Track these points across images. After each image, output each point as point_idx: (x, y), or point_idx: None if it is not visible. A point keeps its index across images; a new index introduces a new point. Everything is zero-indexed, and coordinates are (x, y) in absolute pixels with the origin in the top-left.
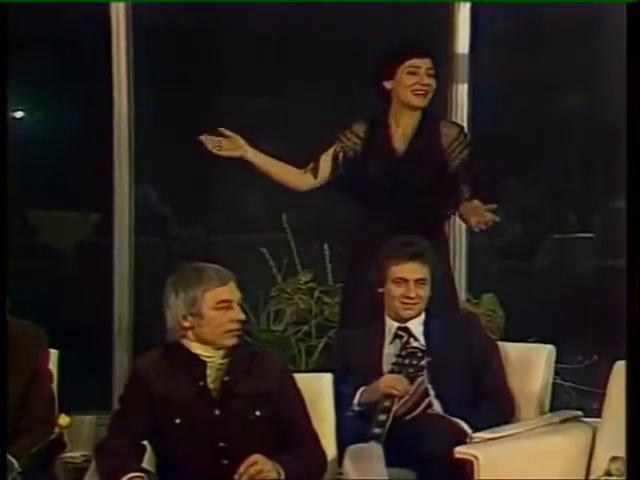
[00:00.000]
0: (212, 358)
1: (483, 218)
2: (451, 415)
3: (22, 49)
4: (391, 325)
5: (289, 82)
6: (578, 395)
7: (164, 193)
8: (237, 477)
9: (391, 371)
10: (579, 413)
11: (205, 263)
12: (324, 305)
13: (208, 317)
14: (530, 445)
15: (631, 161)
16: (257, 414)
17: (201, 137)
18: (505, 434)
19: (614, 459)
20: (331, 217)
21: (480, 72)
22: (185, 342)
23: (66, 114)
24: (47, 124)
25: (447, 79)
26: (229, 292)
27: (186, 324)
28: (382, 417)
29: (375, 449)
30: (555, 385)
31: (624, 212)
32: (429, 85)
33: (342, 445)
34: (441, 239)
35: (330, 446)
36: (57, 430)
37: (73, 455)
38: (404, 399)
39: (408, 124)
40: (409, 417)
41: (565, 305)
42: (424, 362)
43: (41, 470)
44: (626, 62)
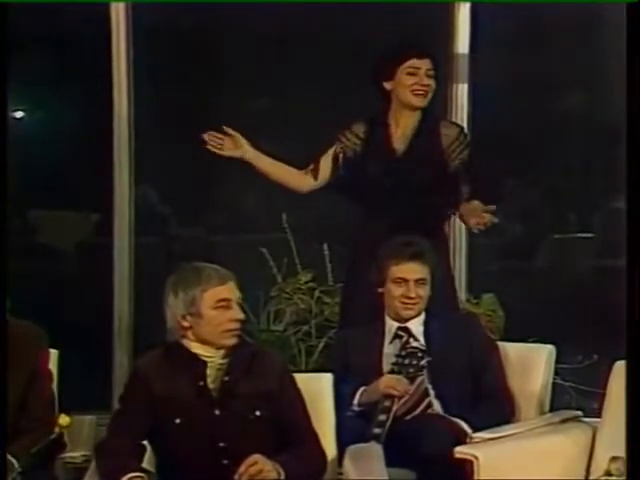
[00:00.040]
0: (212, 358)
1: (482, 219)
2: (451, 415)
3: (22, 49)
4: (391, 325)
5: (289, 82)
6: (578, 395)
7: (164, 193)
8: (237, 477)
9: (391, 371)
10: (579, 413)
11: (205, 263)
12: (324, 305)
13: (207, 316)
14: (530, 445)
15: (631, 161)
16: (257, 414)
17: (204, 135)
18: (505, 434)
19: (614, 459)
20: (331, 217)
21: (480, 72)
22: (185, 342)
23: (66, 114)
24: (47, 124)
25: (447, 79)
26: (228, 291)
27: (185, 324)
28: (382, 417)
29: (375, 449)
30: (555, 385)
31: (624, 212)
32: (429, 86)
33: (342, 445)
34: (441, 239)
35: (330, 446)
36: (57, 430)
37: (73, 455)
38: (404, 399)
39: (408, 124)
40: (409, 417)
41: (565, 305)
42: (424, 362)
43: (41, 470)
44: (626, 62)
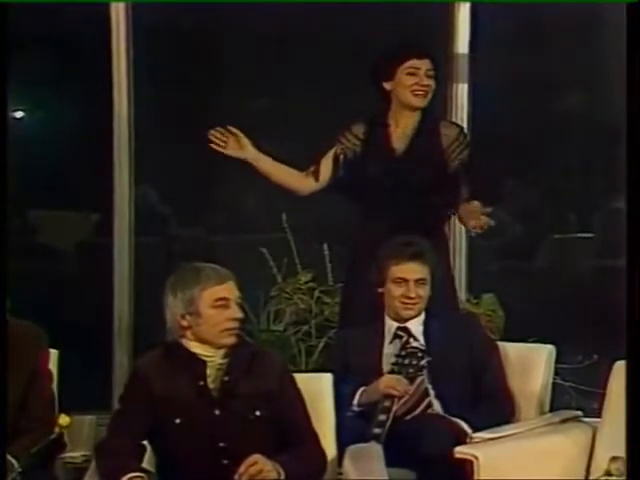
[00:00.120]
0: (212, 358)
1: (479, 222)
2: (451, 415)
3: (22, 49)
4: (391, 325)
5: (289, 82)
6: (578, 395)
7: (164, 193)
8: (237, 477)
9: (391, 371)
10: (579, 413)
11: (204, 263)
12: (324, 305)
13: (206, 316)
14: (530, 445)
15: (631, 161)
16: (257, 414)
17: (209, 132)
18: (505, 434)
19: (614, 459)
20: (331, 217)
21: (480, 72)
22: (184, 342)
23: (66, 114)
24: (47, 124)
25: (447, 79)
26: (227, 291)
27: (184, 323)
28: (382, 417)
29: (375, 449)
30: (555, 385)
31: (624, 212)
32: (429, 86)
33: (342, 445)
34: (441, 239)
35: (330, 446)
36: (57, 430)
37: (73, 455)
38: (404, 399)
39: (408, 124)
40: (409, 417)
41: (565, 305)
42: (424, 362)
43: (41, 470)
44: (626, 62)
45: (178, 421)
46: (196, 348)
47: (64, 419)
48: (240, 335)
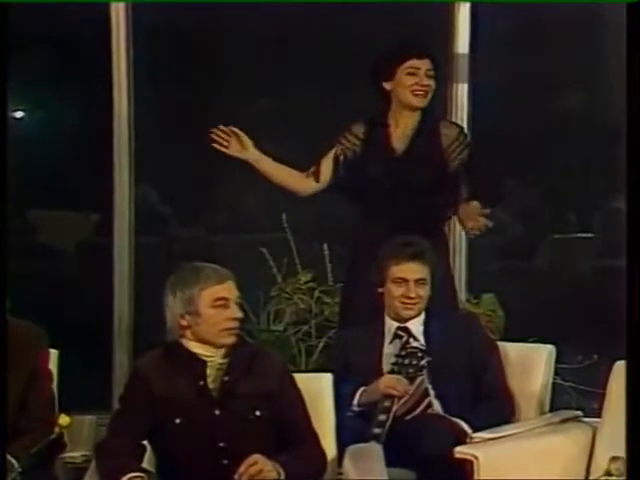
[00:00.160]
0: (212, 357)
1: (477, 224)
2: (451, 415)
3: (22, 49)
4: (391, 325)
5: (289, 82)
6: (578, 395)
7: (164, 193)
8: (237, 477)
9: (391, 371)
10: (579, 413)
11: (204, 263)
12: (324, 305)
13: (205, 315)
14: (530, 445)
15: (631, 161)
16: (257, 414)
17: (213, 131)
18: (505, 434)
19: (614, 459)
20: (331, 217)
21: (480, 72)
22: (184, 341)
23: (66, 114)
24: (47, 124)
25: (447, 79)
26: (226, 290)
27: (184, 323)
28: (382, 417)
29: (375, 449)
30: (555, 385)
31: (624, 212)
32: (429, 86)
33: (342, 445)
34: (441, 239)
35: (330, 446)
36: (57, 430)
37: (73, 455)
38: (404, 399)
39: (408, 124)
40: (409, 417)
41: (565, 305)
42: (424, 362)
43: (41, 470)
44: (626, 62)
45: (178, 421)
46: (196, 348)
47: (64, 419)
48: (240, 335)
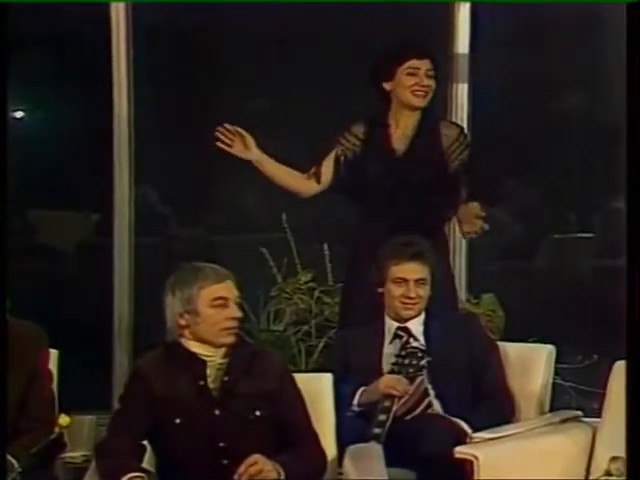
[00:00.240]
0: (212, 357)
1: (473, 227)
2: (451, 415)
3: (22, 49)
4: (391, 325)
5: (289, 82)
6: (578, 395)
7: (164, 193)
8: (237, 477)
9: (391, 371)
10: (579, 413)
11: (204, 263)
12: (324, 305)
13: (204, 315)
14: (530, 445)
15: (631, 161)
16: (257, 414)
17: (217, 130)
18: (505, 434)
19: (614, 459)
20: (331, 217)
21: (480, 72)
22: (184, 341)
23: (66, 114)
24: (47, 124)
25: (447, 79)
26: (225, 290)
27: (183, 322)
28: (382, 417)
29: (375, 449)
30: (555, 385)
31: (624, 212)
32: (429, 86)
33: (342, 445)
34: (441, 239)
35: (330, 446)
36: (57, 430)
37: (73, 455)
38: (404, 399)
39: (408, 124)
40: (409, 417)
41: (565, 305)
42: (424, 362)
43: (41, 470)
44: (626, 62)
45: (178, 421)
46: (195, 348)
47: (64, 419)
48: (239, 334)
